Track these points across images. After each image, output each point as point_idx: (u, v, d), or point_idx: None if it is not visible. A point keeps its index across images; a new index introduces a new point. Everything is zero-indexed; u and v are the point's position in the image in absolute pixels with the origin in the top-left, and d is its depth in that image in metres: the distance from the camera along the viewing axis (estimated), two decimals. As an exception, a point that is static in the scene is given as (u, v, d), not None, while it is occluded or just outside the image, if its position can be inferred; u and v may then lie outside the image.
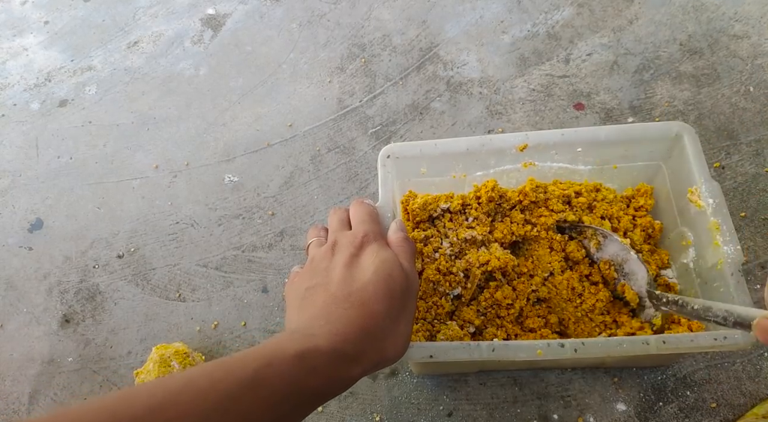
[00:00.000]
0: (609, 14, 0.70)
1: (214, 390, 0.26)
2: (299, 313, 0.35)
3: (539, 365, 0.49)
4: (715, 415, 0.47)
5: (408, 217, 0.50)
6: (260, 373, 0.28)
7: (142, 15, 0.82)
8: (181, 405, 0.25)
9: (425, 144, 0.47)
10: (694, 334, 0.37)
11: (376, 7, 0.76)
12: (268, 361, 0.29)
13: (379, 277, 0.34)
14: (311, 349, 0.30)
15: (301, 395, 0.29)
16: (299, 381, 0.29)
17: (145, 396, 0.25)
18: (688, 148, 0.43)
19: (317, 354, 0.30)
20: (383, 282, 0.34)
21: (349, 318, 0.33)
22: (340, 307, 0.33)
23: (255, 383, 0.27)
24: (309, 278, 0.37)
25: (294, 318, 0.35)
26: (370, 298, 0.33)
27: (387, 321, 0.34)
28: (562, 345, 0.37)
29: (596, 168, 0.49)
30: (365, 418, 0.50)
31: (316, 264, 0.37)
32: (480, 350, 0.38)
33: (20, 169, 0.70)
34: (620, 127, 0.46)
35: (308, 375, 0.29)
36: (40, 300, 0.61)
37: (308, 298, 0.35)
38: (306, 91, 0.70)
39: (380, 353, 0.33)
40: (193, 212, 0.64)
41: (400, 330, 0.35)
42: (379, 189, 0.45)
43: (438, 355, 0.38)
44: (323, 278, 0.36)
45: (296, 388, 0.29)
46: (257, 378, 0.28)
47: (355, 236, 0.38)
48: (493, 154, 0.47)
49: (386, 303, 0.34)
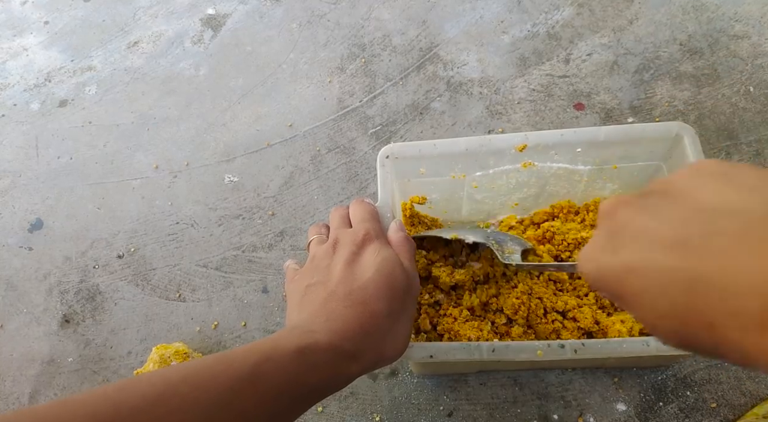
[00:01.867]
0: (609, 14, 0.70)
1: (214, 383, 0.26)
2: (300, 310, 0.35)
3: (540, 365, 0.49)
4: (715, 415, 0.47)
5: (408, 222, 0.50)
6: (260, 368, 0.28)
7: (142, 15, 0.82)
8: (181, 397, 0.25)
9: (424, 144, 0.47)
10: None
11: (376, 7, 0.76)
12: (268, 356, 0.29)
13: (380, 276, 0.34)
14: (311, 345, 0.30)
15: (299, 390, 0.29)
16: (298, 377, 0.29)
17: (146, 385, 0.25)
18: (688, 148, 0.43)
19: (317, 351, 0.30)
20: (384, 281, 0.34)
21: (349, 316, 0.33)
22: (341, 305, 0.33)
23: (254, 377, 0.28)
24: (310, 276, 0.37)
25: (294, 316, 0.35)
26: (371, 297, 0.34)
27: (387, 320, 0.34)
28: (562, 345, 0.37)
29: (596, 168, 0.49)
30: (365, 418, 0.50)
31: (318, 263, 0.37)
32: (480, 350, 0.38)
33: (20, 169, 0.70)
34: (620, 127, 0.46)
35: (307, 370, 0.30)
36: (40, 301, 0.61)
37: (309, 295, 0.35)
38: (306, 91, 0.71)
39: (379, 352, 0.33)
40: (193, 212, 0.64)
41: (400, 330, 0.35)
42: (379, 189, 0.45)
43: (438, 355, 0.38)
44: (324, 276, 0.36)
45: (295, 383, 0.29)
46: (257, 373, 0.28)
47: (357, 234, 0.38)
48: (493, 154, 0.47)
49: (386, 303, 0.34)
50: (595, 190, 0.52)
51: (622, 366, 0.49)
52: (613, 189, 0.52)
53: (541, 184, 0.51)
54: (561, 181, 0.51)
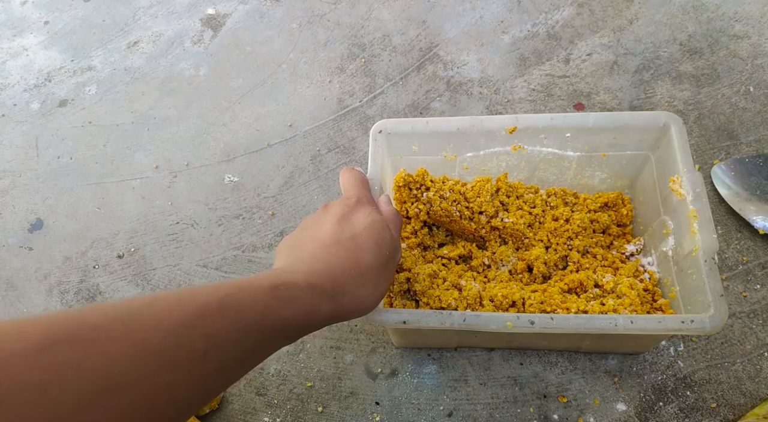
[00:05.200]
0: (609, 14, 0.70)
1: (180, 308, 0.25)
2: (285, 258, 0.35)
3: (517, 344, 0.50)
4: (715, 415, 0.47)
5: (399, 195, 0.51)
6: (231, 298, 0.27)
7: (142, 15, 0.82)
8: (144, 320, 0.24)
9: (417, 121, 0.48)
10: (661, 316, 0.38)
11: (376, 7, 0.76)
12: (241, 287, 0.28)
13: (370, 233, 0.35)
14: (287, 282, 0.30)
15: (272, 324, 0.29)
16: (269, 309, 0.28)
17: (109, 307, 0.24)
18: (675, 138, 0.43)
19: (292, 286, 0.30)
20: (373, 239, 0.35)
21: (333, 261, 0.33)
22: (327, 251, 0.34)
23: (223, 305, 0.27)
24: (298, 231, 0.37)
25: (279, 264, 0.35)
26: (358, 247, 0.34)
27: (370, 271, 0.34)
28: (531, 321, 0.38)
29: (585, 155, 0.50)
30: (365, 418, 0.50)
31: (306, 223, 0.38)
32: (452, 318, 0.39)
33: (20, 169, 0.70)
34: (609, 114, 0.47)
35: (280, 304, 0.29)
36: (40, 301, 0.61)
37: (296, 245, 0.36)
38: (306, 91, 0.71)
39: (357, 297, 0.33)
40: (193, 212, 0.64)
41: (380, 284, 0.35)
42: (369, 162, 0.46)
43: (411, 321, 0.39)
44: (313, 230, 0.36)
45: (267, 316, 0.28)
46: (227, 301, 0.27)
47: (348, 198, 0.38)
48: (483, 135, 0.48)
49: (373, 256, 0.34)
50: (584, 177, 0.52)
51: (598, 351, 0.49)
52: (602, 177, 0.52)
53: (531, 168, 0.52)
54: (550, 167, 0.52)
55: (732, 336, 0.49)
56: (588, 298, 0.44)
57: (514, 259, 0.49)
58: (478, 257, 0.50)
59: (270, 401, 0.51)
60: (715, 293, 0.38)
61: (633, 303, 0.42)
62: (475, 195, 0.50)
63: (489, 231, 0.51)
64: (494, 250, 0.50)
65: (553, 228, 0.50)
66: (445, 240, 0.52)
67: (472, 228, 0.50)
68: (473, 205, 0.50)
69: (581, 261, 0.48)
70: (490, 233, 0.51)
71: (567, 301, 0.43)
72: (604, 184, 0.53)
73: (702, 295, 0.39)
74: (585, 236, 0.49)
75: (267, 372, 0.53)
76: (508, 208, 0.51)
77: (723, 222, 0.55)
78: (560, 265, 0.49)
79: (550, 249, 0.49)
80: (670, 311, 0.44)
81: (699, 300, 0.39)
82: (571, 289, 0.46)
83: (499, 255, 0.49)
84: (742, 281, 0.52)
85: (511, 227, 0.50)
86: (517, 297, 0.43)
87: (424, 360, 0.51)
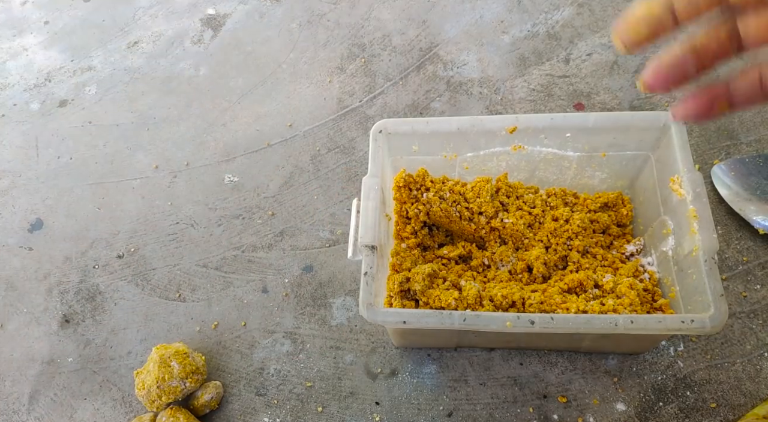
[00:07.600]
0: (609, 14, 0.70)
1: None
2: None
3: (515, 344, 0.50)
4: (715, 415, 0.47)
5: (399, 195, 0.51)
6: None
7: (142, 15, 0.82)
8: None
9: (417, 121, 0.48)
10: (661, 316, 0.38)
11: (376, 7, 0.76)
12: None
13: None
14: None
15: None
16: None
17: None
18: (675, 138, 0.43)
19: None
20: None
21: None
22: None
23: None
24: None
25: None
26: None
27: None
28: (531, 321, 0.38)
29: (585, 155, 0.50)
30: (365, 418, 0.50)
31: None
32: (452, 318, 0.39)
33: (20, 169, 0.70)
34: (609, 114, 0.47)
35: None
36: (40, 301, 0.61)
37: None
38: (306, 91, 0.71)
39: None
40: (193, 212, 0.64)
41: None
42: (369, 162, 0.46)
43: (411, 321, 0.39)
44: None
45: None
46: None
47: None
48: (483, 135, 0.48)
49: None
50: (584, 178, 0.52)
51: (598, 351, 0.49)
52: (602, 177, 0.52)
53: (531, 168, 0.52)
54: (550, 167, 0.52)
55: (732, 336, 0.49)
56: (588, 298, 0.44)
57: (513, 259, 0.49)
58: (478, 257, 0.50)
59: (270, 401, 0.51)
60: (715, 293, 0.38)
61: (633, 303, 0.42)
62: (475, 195, 0.50)
63: (489, 231, 0.51)
64: (494, 251, 0.50)
65: (552, 229, 0.50)
66: (444, 241, 0.52)
67: (471, 229, 0.50)
68: (473, 205, 0.50)
69: (581, 261, 0.48)
70: (489, 233, 0.51)
71: (567, 301, 0.43)
72: (604, 184, 0.53)
73: (702, 295, 0.39)
74: (585, 236, 0.49)
75: (267, 372, 0.53)
76: (508, 208, 0.51)
77: (723, 222, 0.55)
78: (560, 265, 0.49)
79: (550, 250, 0.49)
80: (670, 311, 0.44)
81: (699, 300, 0.39)
82: (571, 289, 0.46)
83: (498, 255, 0.49)
84: (742, 281, 0.52)
85: (510, 227, 0.50)
86: (516, 297, 0.43)
87: (423, 360, 0.51)
